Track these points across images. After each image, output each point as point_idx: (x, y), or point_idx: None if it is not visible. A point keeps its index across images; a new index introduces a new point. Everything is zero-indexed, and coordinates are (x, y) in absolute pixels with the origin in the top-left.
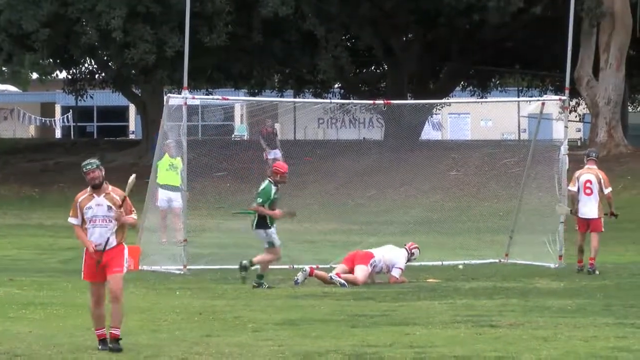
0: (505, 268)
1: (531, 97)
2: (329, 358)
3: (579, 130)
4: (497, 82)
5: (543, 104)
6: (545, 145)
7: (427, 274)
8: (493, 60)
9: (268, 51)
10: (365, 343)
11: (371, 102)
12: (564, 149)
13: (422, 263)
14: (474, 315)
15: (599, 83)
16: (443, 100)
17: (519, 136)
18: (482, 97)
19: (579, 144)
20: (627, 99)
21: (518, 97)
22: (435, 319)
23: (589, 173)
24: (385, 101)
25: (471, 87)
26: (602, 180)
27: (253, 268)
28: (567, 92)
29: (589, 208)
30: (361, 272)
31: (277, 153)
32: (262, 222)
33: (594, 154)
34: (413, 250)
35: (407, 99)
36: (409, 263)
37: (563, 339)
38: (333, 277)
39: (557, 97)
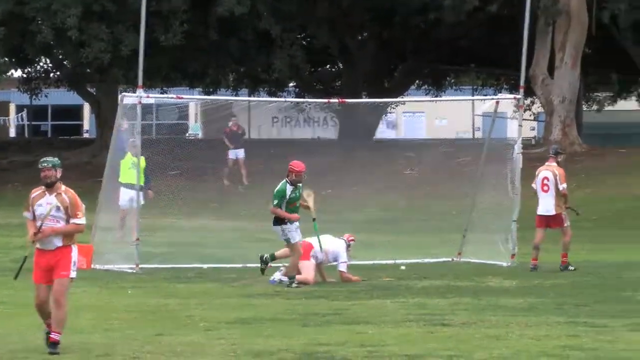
0: (458, 267)
1: (486, 95)
2: (281, 357)
3: (534, 129)
4: (452, 80)
5: (498, 102)
6: (499, 144)
7: (382, 272)
8: (448, 59)
9: (224, 50)
10: (317, 342)
11: (326, 100)
12: (518, 147)
13: (376, 262)
14: (426, 313)
15: (554, 81)
16: (398, 99)
17: (474, 135)
18: (436, 96)
19: (533, 142)
20: (582, 98)
21: (473, 95)
22: (387, 318)
23: (547, 170)
24: (340, 100)
25: (426, 86)
26: (557, 177)
27: (272, 264)
28: (522, 90)
29: (547, 205)
30: (307, 269)
31: (239, 153)
32: (279, 219)
33: (552, 151)
34: (350, 242)
35: (361, 98)
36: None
37: (515, 337)
38: (283, 280)
39: (511, 96)
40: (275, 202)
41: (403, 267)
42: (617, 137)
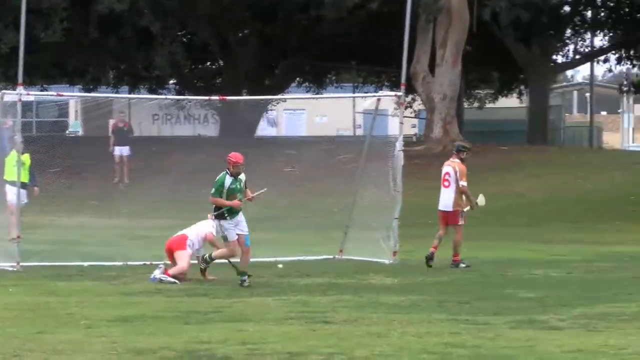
0: (340, 264)
1: (367, 93)
2: (162, 355)
3: (415, 126)
4: (333, 78)
5: (379, 99)
6: (380, 141)
7: (263, 270)
8: (329, 56)
9: (104, 47)
10: (198, 340)
11: (207, 98)
12: (399, 145)
13: (258, 259)
14: (308, 311)
15: (435, 79)
16: (279, 96)
17: (354, 132)
18: (317, 93)
19: (414, 140)
20: (463, 95)
21: (354, 93)
22: (268, 316)
23: (449, 165)
24: (221, 97)
25: (307, 83)
26: (458, 173)
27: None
28: (403, 88)
29: (446, 200)
30: (183, 258)
31: (123, 150)
32: (220, 214)
33: (455, 148)
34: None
35: (242, 95)
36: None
37: (396, 335)
38: (163, 279)
39: (392, 93)
40: (213, 191)
41: (280, 266)
42: (499, 134)
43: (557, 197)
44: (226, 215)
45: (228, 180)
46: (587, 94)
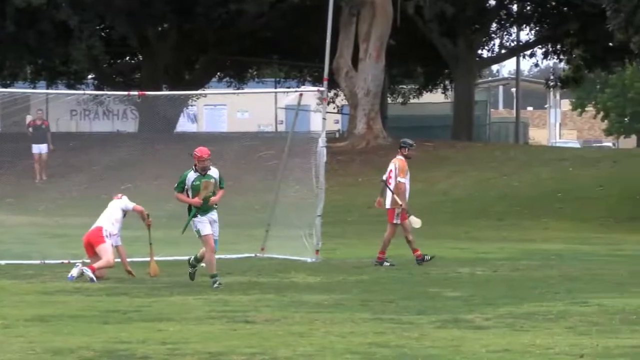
0: (261, 262)
1: (289, 88)
2: (80, 355)
3: (337, 122)
4: (255, 73)
5: (301, 95)
6: (302, 137)
7: (182, 269)
8: (250, 51)
9: (21, 41)
10: (118, 339)
11: (125, 93)
12: (322, 141)
13: (176, 258)
14: (229, 310)
15: (358, 74)
16: (199, 92)
17: (276, 128)
18: (238, 88)
19: (337, 135)
20: (386, 90)
21: (275, 88)
22: (189, 315)
23: (392, 162)
24: (140, 92)
25: (228, 78)
26: (396, 169)
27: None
28: (325, 83)
29: (388, 197)
30: (105, 252)
31: (42, 148)
32: (189, 211)
33: (400, 144)
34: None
35: (162, 91)
36: None
37: (319, 334)
38: (85, 272)
39: (315, 88)
40: (175, 186)
41: (203, 265)
42: (423, 130)
43: (482, 194)
44: (197, 214)
45: (192, 176)
46: (513, 89)
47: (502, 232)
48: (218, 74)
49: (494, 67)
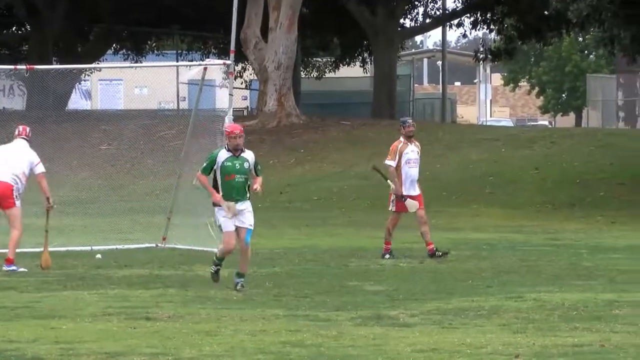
0: (163, 253)
1: (192, 61)
2: None
3: (246, 99)
4: (154, 44)
5: (205, 69)
6: (207, 115)
7: (77, 261)
8: (149, 21)
9: None
10: (6, 338)
11: (12, 67)
12: (228, 119)
13: (70, 248)
14: (128, 306)
15: (268, 45)
16: (93, 65)
17: (178, 105)
18: (136, 62)
19: (245, 114)
20: (299, 63)
21: (177, 61)
22: (84, 311)
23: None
24: (28, 66)
25: (124, 51)
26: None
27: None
28: (232, 55)
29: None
30: (15, 219)
31: None
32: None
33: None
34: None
35: (52, 64)
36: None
37: (228, 333)
38: (7, 269)
39: (220, 62)
40: (203, 165)
41: (99, 256)
42: (340, 107)
43: None
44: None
45: (223, 155)
46: (439, 62)
47: (428, 219)
48: (114, 45)
49: (418, 38)
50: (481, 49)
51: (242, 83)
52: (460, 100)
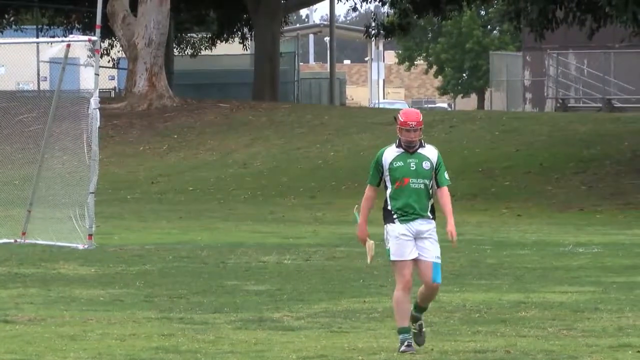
0: (23, 249)
1: (53, 37)
2: None
3: (113, 79)
4: (12, 19)
5: (68, 45)
6: (71, 97)
7: None
8: None
9: None
10: None
11: None
12: (94, 102)
13: None
14: None
15: (137, 20)
16: None
17: (39, 86)
18: None
19: (112, 95)
20: (172, 40)
21: (37, 37)
22: None
23: None
24: None
25: None
26: None
27: None
28: (98, 31)
29: None
30: None
31: None
32: (386, 212)
33: None
34: None
35: None
36: None
37: (95, 337)
38: None
39: (86, 38)
40: (369, 175)
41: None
42: (218, 88)
43: (290, 166)
44: (394, 215)
45: (391, 154)
46: (326, 39)
47: (315, 212)
48: None
49: (303, 12)
50: (373, 24)
51: (109, 61)
52: (350, 80)
